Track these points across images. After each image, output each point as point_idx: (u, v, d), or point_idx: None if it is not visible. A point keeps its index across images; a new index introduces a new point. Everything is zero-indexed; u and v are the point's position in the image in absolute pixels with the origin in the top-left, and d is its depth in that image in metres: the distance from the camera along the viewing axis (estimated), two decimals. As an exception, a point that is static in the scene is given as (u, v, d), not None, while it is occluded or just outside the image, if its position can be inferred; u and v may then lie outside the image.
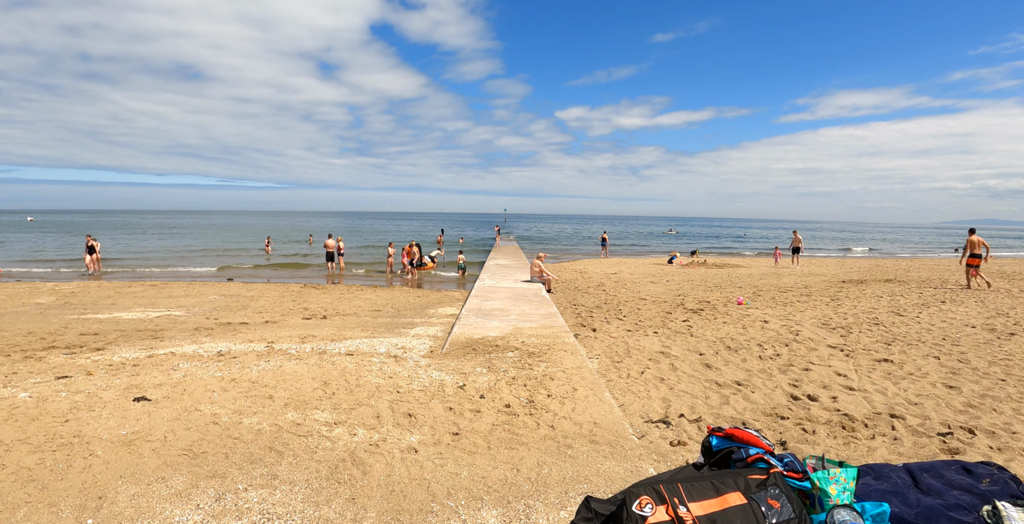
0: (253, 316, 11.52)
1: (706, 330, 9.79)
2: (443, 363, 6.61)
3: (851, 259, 35.54)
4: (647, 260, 31.57)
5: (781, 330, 9.79)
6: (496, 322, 9.60)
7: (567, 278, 20.42)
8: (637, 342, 8.61)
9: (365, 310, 12.56)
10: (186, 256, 31.31)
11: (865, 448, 4.55)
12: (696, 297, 14.50)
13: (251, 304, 13.49)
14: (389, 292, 16.29)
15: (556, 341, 8.01)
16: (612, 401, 5.37)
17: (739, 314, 11.57)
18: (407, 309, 12.77)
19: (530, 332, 8.68)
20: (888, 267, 26.87)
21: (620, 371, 6.75)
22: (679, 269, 24.64)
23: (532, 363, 6.64)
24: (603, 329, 9.83)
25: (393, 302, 14.01)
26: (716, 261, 30.22)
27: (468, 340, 8.03)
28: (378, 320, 11.09)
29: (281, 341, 8.22)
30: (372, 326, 10.21)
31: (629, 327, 10.09)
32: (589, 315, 11.54)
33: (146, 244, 41.97)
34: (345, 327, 10.01)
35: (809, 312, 11.88)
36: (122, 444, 4.26)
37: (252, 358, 6.86)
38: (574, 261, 30.70)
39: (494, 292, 13.96)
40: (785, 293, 15.47)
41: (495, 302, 12.18)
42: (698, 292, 15.86)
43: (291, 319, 11.10)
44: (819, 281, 19.16)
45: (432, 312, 12.25)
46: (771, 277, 20.75)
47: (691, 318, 11.11)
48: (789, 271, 23.77)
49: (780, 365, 7.27)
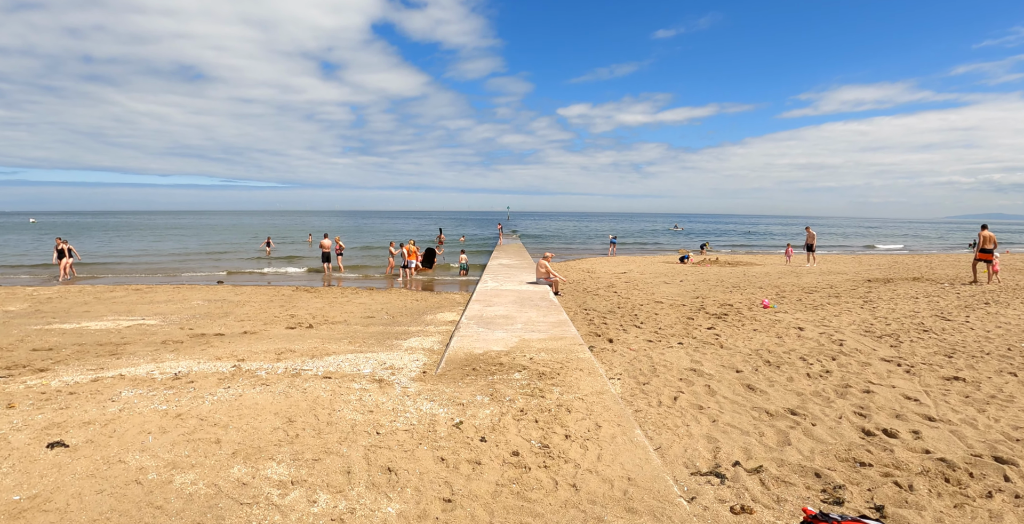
0: (233, 325, 10.46)
1: (737, 340, 8.69)
2: (437, 389, 5.52)
3: (867, 255, 34.34)
4: (656, 258, 30.43)
5: (822, 339, 8.68)
6: (500, 333, 8.52)
7: (574, 278, 19.33)
8: (662, 356, 7.51)
9: (357, 317, 11.50)
10: (180, 258, 30.32)
11: (986, 514, 3.45)
12: (716, 299, 13.39)
13: (235, 310, 12.44)
14: (386, 295, 15.23)
15: (570, 357, 6.92)
16: (646, 443, 4.28)
17: (768, 320, 10.46)
18: (403, 315, 11.70)
19: (539, 345, 7.59)
20: (908, 264, 25.68)
21: (648, 396, 5.66)
22: (691, 268, 23.52)
23: (543, 387, 5.55)
24: (621, 339, 8.73)
25: (388, 307, 12.95)
26: (728, 258, 29.06)
27: (468, 356, 6.94)
28: (369, 329, 10.03)
29: (253, 358, 7.16)
30: (361, 337, 9.14)
31: (649, 336, 8.99)
32: (603, 322, 10.44)
33: (141, 246, 41.04)
34: (331, 338, 8.94)
35: (845, 316, 10.76)
36: (6, 518, 3.20)
37: (211, 383, 5.79)
38: (580, 259, 29.60)
39: (497, 296, 12.87)
40: (811, 294, 14.34)
41: (498, 308, 11.10)
42: (717, 293, 14.75)
43: (273, 328, 10.05)
44: (843, 280, 18.02)
45: (430, 318, 11.18)
46: (790, 276, 19.61)
47: (716, 325, 10.00)
48: (806, 269, 22.61)
49: (835, 386, 6.17)
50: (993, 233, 15.75)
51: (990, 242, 15.34)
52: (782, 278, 18.77)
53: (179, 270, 24.23)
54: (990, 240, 15.37)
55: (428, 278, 20.84)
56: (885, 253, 38.57)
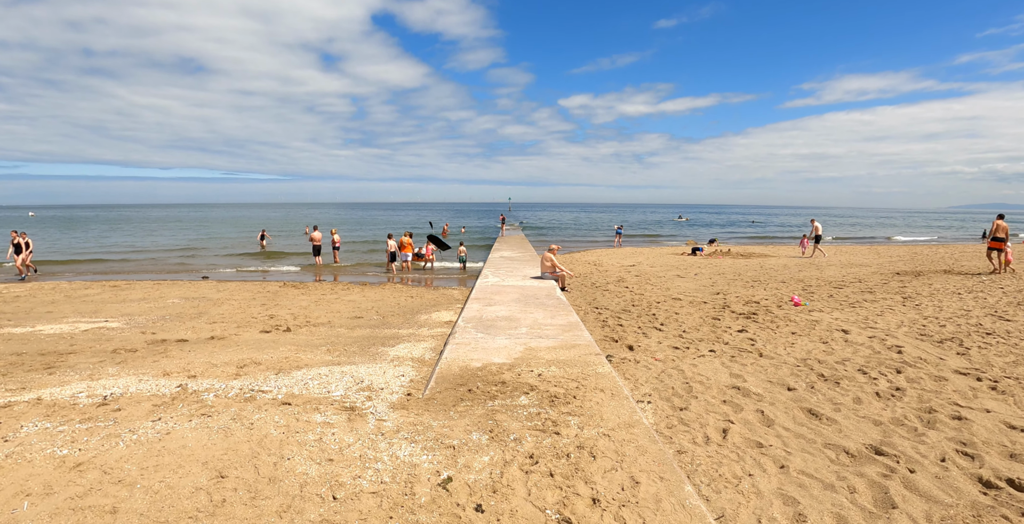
0: (202, 328, 9.32)
1: (776, 346, 7.51)
2: (421, 422, 4.35)
3: (883, 246, 33.06)
4: (664, 250, 29.20)
5: (875, 345, 7.49)
6: (502, 339, 7.34)
7: (581, 271, 18.14)
8: (694, 368, 6.33)
9: (343, 317, 10.34)
10: (170, 252, 29.16)
11: None
12: (739, 296, 12.20)
13: (210, 310, 11.30)
14: (378, 292, 14.07)
15: (586, 371, 5.75)
16: (703, 509, 3.11)
17: (805, 320, 9.27)
18: (394, 315, 10.54)
19: (548, 356, 6.42)
20: (929, 255, 24.43)
21: (691, 428, 4.49)
22: (703, 260, 22.30)
23: (558, 418, 4.39)
24: (642, 346, 7.54)
25: (380, 305, 11.79)
26: (740, 250, 27.82)
27: (463, 372, 5.77)
28: (354, 332, 8.87)
29: (208, 374, 6.00)
30: (343, 343, 7.98)
31: (674, 342, 7.81)
32: (618, 323, 9.26)
33: (134, 239, 39.94)
34: (308, 345, 7.78)
35: (890, 316, 9.56)
36: None
37: (141, 412, 4.64)
38: (586, 251, 28.38)
39: (499, 293, 11.70)
40: (841, 289, 13.14)
41: (500, 307, 9.92)
42: (738, 289, 13.55)
43: (246, 332, 8.89)
44: (869, 273, 16.80)
45: (424, 319, 10.02)
46: (810, 269, 18.39)
47: (748, 327, 8.82)
48: (826, 261, 21.39)
49: (915, 410, 5.00)
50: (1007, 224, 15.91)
51: (1002, 231, 15.40)
52: (803, 271, 17.56)
53: (166, 264, 23.11)
54: (1002, 229, 15.44)
55: (426, 273, 19.66)
56: (899, 243, 37.29)
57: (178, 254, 27.65)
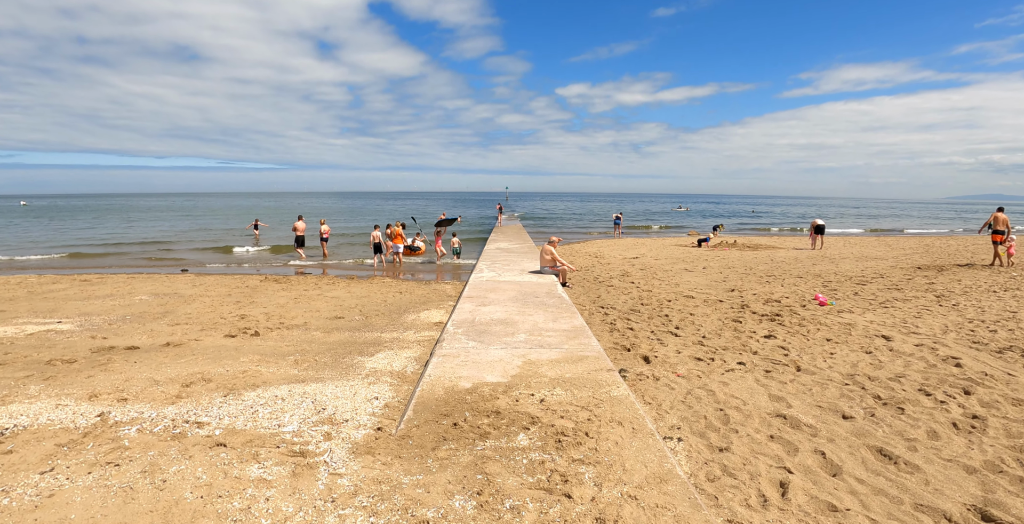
0: (161, 332, 8.29)
1: (814, 356, 6.52)
2: (388, 478, 3.33)
3: (891, 238, 32.14)
4: (667, 240, 28.19)
5: (926, 356, 6.50)
6: (497, 349, 6.33)
7: (582, 264, 17.13)
8: (725, 387, 5.35)
9: (322, 317, 9.33)
10: (158, 243, 28.02)
11: None
12: (757, 293, 11.20)
13: (178, 309, 10.28)
14: (365, 287, 13.05)
15: (598, 394, 4.75)
16: None
17: (837, 323, 8.29)
18: (379, 314, 9.53)
19: (552, 372, 5.41)
20: (941, 247, 23.50)
21: (738, 481, 3.50)
22: (709, 252, 21.31)
23: (567, 471, 3.39)
24: (659, 356, 6.54)
25: (365, 302, 10.78)
26: (746, 241, 26.83)
27: (448, 395, 4.76)
28: (331, 337, 7.86)
29: (142, 396, 4.98)
30: (315, 351, 6.97)
31: (695, 350, 6.81)
32: (628, 326, 8.26)
33: (122, 229, 38.78)
34: (273, 355, 6.77)
35: (930, 318, 8.59)
36: None
37: (35, 458, 3.63)
38: (585, 242, 27.37)
39: (494, 290, 10.68)
40: (863, 285, 12.17)
41: (495, 308, 8.90)
42: (752, 284, 12.57)
43: (208, 337, 7.87)
44: (887, 267, 15.84)
45: (411, 319, 9.01)
46: (824, 262, 17.42)
47: (775, 331, 7.83)
48: (838, 254, 20.42)
49: (1009, 448, 4.02)
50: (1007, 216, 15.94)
51: (1002, 223, 15.49)
52: (817, 265, 16.59)
53: (149, 256, 22.04)
54: (1002, 221, 15.52)
55: (414, 264, 18.62)
56: (907, 235, 36.36)
57: (163, 245, 26.53)
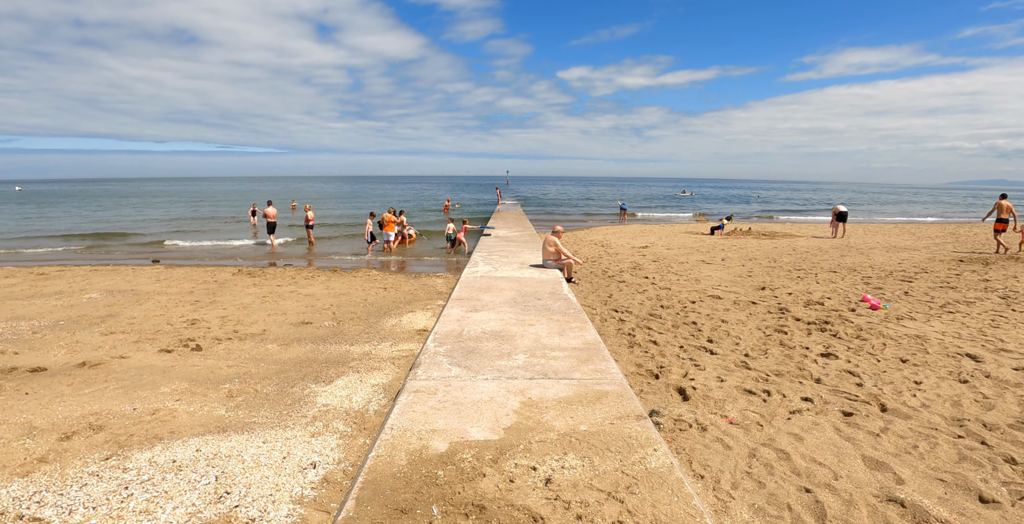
0: (88, 343, 6.87)
1: (897, 387, 5.07)
2: None
3: (911, 225, 30.57)
4: (676, 227, 26.66)
5: (1041, 386, 5.07)
6: (487, 382, 4.87)
7: (588, 254, 15.67)
8: (799, 444, 3.91)
9: (287, 323, 7.89)
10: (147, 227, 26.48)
11: None
12: (792, 292, 9.74)
13: (125, 310, 8.85)
14: (347, 281, 11.61)
15: (629, 468, 3.31)
16: None
17: (904, 335, 6.83)
18: (354, 318, 8.10)
19: (561, 422, 3.97)
20: (969, 236, 21.98)
21: None
22: (723, 241, 19.81)
23: None
24: (699, 388, 5.08)
25: (342, 302, 9.35)
26: (761, 229, 25.30)
27: (412, 469, 3.31)
28: (288, 352, 6.43)
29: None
30: (260, 376, 5.55)
31: (741, 377, 5.37)
32: (650, 339, 6.81)
33: (108, 215, 37.26)
34: (206, 381, 5.35)
35: (1010, 329, 7.13)
36: None
37: None
38: (590, 229, 25.81)
39: (489, 289, 9.21)
40: (909, 283, 10.71)
41: (489, 314, 7.44)
42: (783, 280, 11.11)
43: (138, 353, 6.44)
44: (924, 259, 14.36)
45: (391, 325, 7.57)
46: (853, 253, 15.93)
47: (832, 346, 6.39)
48: (863, 243, 18.92)
49: None
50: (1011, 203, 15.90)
51: (1006, 211, 15.54)
52: (846, 256, 15.10)
53: (127, 244, 20.59)
54: (1006, 209, 15.56)
55: (405, 254, 17.13)
56: (926, 222, 34.75)
57: (150, 231, 25.01)
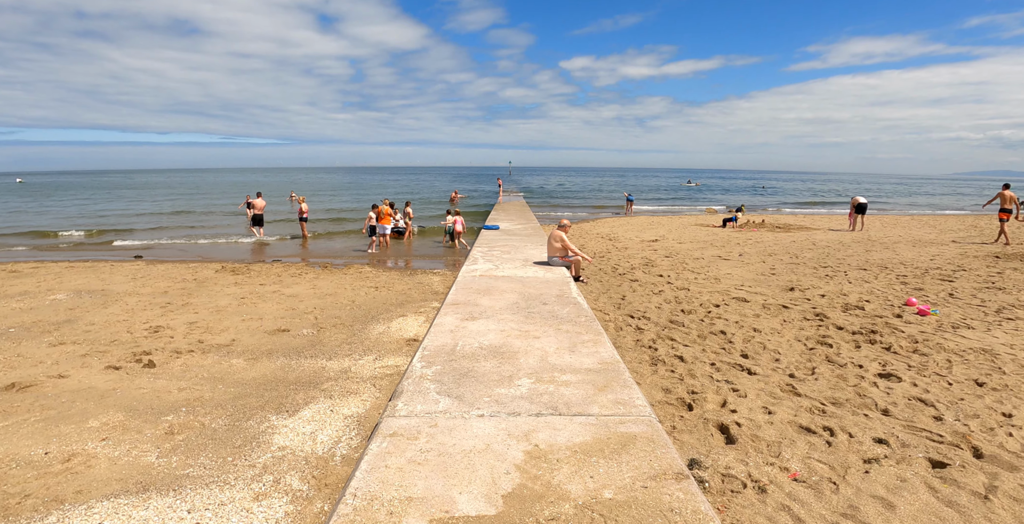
0: (29, 357, 5.98)
1: (985, 422, 4.14)
2: None
3: (926, 216, 29.54)
4: (685, 219, 25.65)
5: None
6: (482, 420, 3.93)
7: (595, 248, 14.73)
8: (890, 516, 3.02)
9: (261, 330, 7.00)
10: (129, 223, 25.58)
11: None
12: (825, 294, 8.78)
13: (86, 315, 7.96)
14: (336, 280, 10.71)
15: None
16: None
17: (968, 349, 5.90)
18: (338, 324, 7.20)
19: (578, 487, 3.05)
20: (990, 228, 20.95)
21: None
22: (736, 234, 18.83)
23: None
24: (744, 424, 4.12)
25: (327, 304, 8.45)
26: (774, 221, 24.29)
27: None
28: (255, 368, 5.53)
29: None
30: (213, 403, 4.66)
31: (793, 408, 4.43)
32: (673, 352, 5.88)
33: (104, 207, 36.39)
34: (145, 412, 4.46)
35: (1089, 338, 6.20)
36: None
37: None
38: (596, 221, 24.81)
39: (489, 291, 8.28)
40: (950, 282, 9.76)
41: (488, 324, 6.51)
42: (810, 279, 10.17)
43: (81, 371, 5.55)
44: (955, 255, 13.38)
45: (378, 333, 6.67)
46: (878, 248, 14.95)
47: (889, 364, 5.45)
48: (884, 236, 17.93)
49: None
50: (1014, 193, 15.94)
51: (1009, 201, 15.54)
52: (871, 251, 14.13)
53: (115, 238, 19.71)
54: (1009, 199, 15.56)
55: (398, 249, 16.19)
56: (938, 214, 33.66)
57: (138, 224, 24.10)
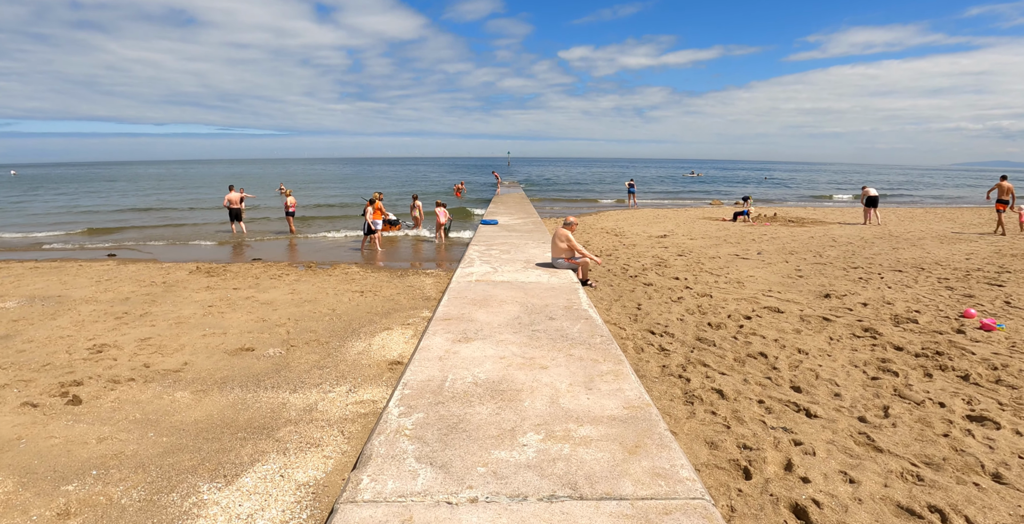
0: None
1: None
2: None
3: (940, 209, 28.48)
4: (691, 212, 24.60)
5: None
6: (474, 506, 2.90)
7: (601, 245, 13.70)
8: None
9: (220, 349, 5.99)
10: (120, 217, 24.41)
11: None
12: (866, 301, 7.75)
13: (28, 329, 6.95)
14: (320, 282, 9.70)
15: None
16: None
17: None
18: (312, 341, 6.19)
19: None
20: (1011, 223, 19.91)
21: None
22: (749, 228, 17.79)
23: None
24: (825, 505, 3.08)
25: (303, 314, 7.43)
26: (785, 213, 23.25)
27: None
28: (198, 409, 4.53)
29: None
30: (135, 463, 3.65)
31: (879, 471, 3.42)
32: (708, 383, 4.86)
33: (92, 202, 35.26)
34: (43, 480, 3.45)
35: None
36: None
37: None
38: (598, 214, 23.72)
39: (486, 302, 7.24)
40: (997, 287, 8.76)
41: (485, 347, 5.47)
42: (841, 282, 9.17)
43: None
44: (991, 253, 12.36)
45: (356, 352, 5.65)
46: (905, 245, 13.92)
47: (975, 399, 4.45)
48: (905, 231, 16.90)
49: None
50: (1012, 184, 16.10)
51: (1006, 192, 15.70)
52: (899, 249, 13.10)
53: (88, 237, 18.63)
54: (1007, 190, 15.72)
55: (392, 247, 15.13)
56: (948, 205, 32.61)
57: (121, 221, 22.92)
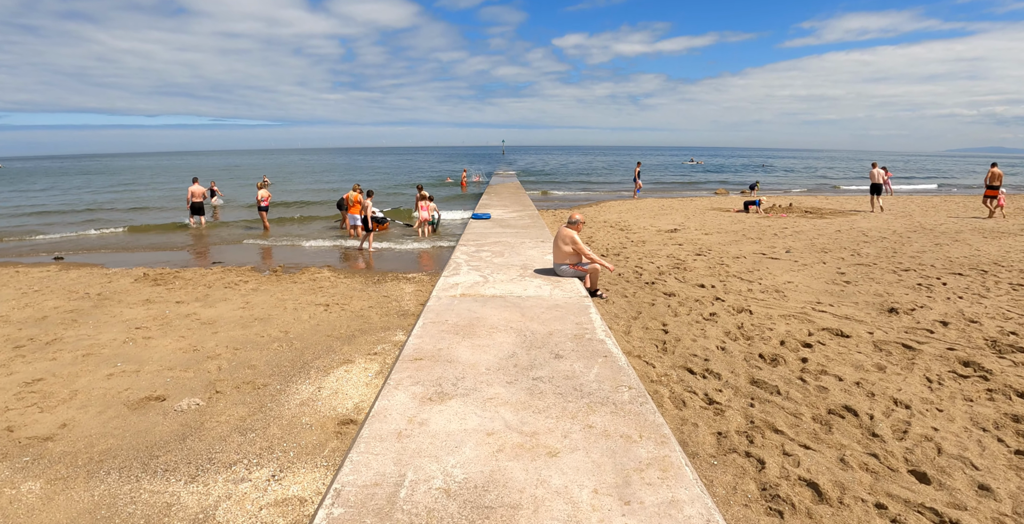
0: None
1: None
2: None
3: (958, 196, 27.06)
4: (698, 202, 23.07)
5: None
6: None
7: (607, 243, 12.19)
8: None
9: (121, 400, 4.48)
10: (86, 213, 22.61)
11: None
12: (944, 318, 6.27)
13: None
14: (280, 291, 8.17)
15: None
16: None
17: None
18: (244, 383, 4.70)
19: None
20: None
21: None
22: (765, 220, 16.28)
23: None
24: None
25: (248, 339, 5.92)
26: (800, 203, 21.74)
27: None
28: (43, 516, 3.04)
29: None
30: None
31: None
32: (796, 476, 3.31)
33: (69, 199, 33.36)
34: None
35: None
36: None
37: None
38: (599, 205, 22.10)
39: (472, 329, 5.68)
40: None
41: (465, 414, 3.94)
42: (897, 288, 7.70)
43: None
44: (1048, 247, 10.92)
45: (297, 405, 4.15)
46: (946, 240, 12.44)
47: None
48: (937, 223, 15.44)
49: None
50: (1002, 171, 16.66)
51: (997, 179, 16.22)
52: (942, 245, 11.64)
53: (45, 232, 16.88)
54: (997, 177, 16.24)
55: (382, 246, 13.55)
56: (962, 192, 31.17)
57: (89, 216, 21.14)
